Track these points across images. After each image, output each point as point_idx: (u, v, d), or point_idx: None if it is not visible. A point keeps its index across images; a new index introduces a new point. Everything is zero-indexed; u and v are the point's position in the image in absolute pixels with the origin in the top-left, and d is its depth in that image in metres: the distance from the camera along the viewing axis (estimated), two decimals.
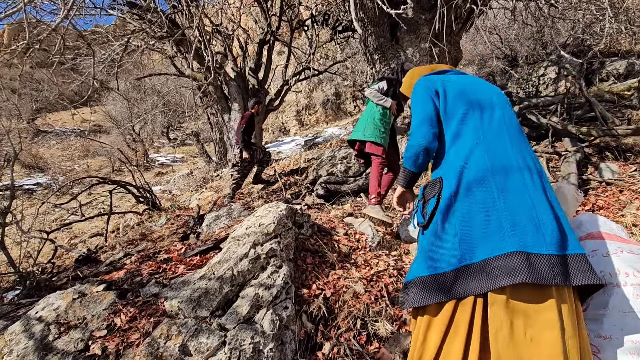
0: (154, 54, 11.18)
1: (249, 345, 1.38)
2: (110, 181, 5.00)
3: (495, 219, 1.08)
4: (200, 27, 3.73)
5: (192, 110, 12.33)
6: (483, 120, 1.26)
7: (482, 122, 1.26)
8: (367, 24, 3.58)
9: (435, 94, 1.34)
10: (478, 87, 1.36)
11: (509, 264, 1.01)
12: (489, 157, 1.18)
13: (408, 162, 1.36)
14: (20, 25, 5.09)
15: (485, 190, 1.13)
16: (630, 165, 3.26)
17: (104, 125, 19.38)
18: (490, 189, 1.13)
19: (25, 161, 13.60)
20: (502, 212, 1.08)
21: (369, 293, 1.85)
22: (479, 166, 1.17)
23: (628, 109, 4.50)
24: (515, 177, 1.13)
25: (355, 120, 11.40)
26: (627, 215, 2.37)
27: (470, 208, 1.13)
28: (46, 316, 1.56)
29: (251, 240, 1.90)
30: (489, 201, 1.11)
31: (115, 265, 2.46)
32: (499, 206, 1.09)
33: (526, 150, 1.23)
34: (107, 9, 4.81)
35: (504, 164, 1.16)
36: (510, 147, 1.20)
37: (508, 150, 1.19)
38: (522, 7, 4.69)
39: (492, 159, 1.17)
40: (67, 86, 5.99)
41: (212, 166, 9.76)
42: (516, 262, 1.01)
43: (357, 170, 4.41)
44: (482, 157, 1.18)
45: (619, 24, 4.10)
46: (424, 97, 1.35)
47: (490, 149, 1.19)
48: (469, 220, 1.12)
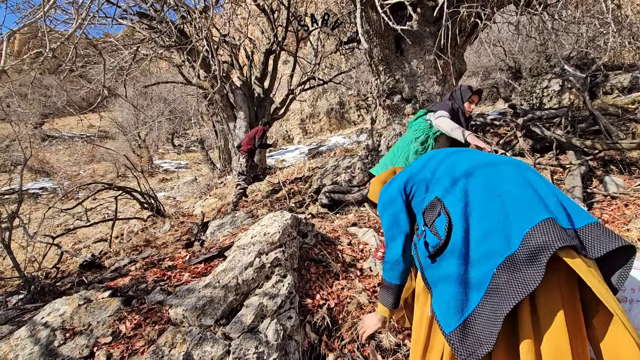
0: (161, 62, 11.36)
1: (253, 355, 1.39)
2: (115, 187, 5.04)
3: (513, 201, 1.01)
4: (208, 37, 3.80)
5: (197, 117, 12.45)
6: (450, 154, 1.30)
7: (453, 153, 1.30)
8: (373, 36, 3.63)
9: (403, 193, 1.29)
10: None
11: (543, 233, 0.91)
12: (472, 154, 1.23)
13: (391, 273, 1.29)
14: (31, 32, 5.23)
15: (487, 178, 1.09)
16: (635, 179, 3.26)
17: (110, 131, 19.60)
18: (491, 175, 1.10)
19: (31, 165, 13.75)
20: (512, 193, 1.02)
21: (373, 304, 1.85)
22: (470, 161, 1.18)
23: (632, 123, 4.51)
24: (505, 165, 1.12)
25: (359, 130, 11.46)
26: (632, 230, 2.36)
27: (482, 201, 1.05)
28: (52, 322, 1.57)
29: (256, 249, 1.92)
30: (495, 188, 1.05)
31: (121, 271, 2.47)
32: (507, 189, 1.04)
33: None
34: (118, 19, 4.92)
35: (490, 160, 1.16)
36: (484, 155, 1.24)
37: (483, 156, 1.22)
38: (526, 21, 4.74)
39: (477, 154, 1.21)
40: (76, 93, 6.09)
41: (216, 173, 9.82)
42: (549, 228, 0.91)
43: (361, 180, 4.42)
44: (465, 157, 1.22)
45: (623, 38, 4.13)
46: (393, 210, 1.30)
47: (474, 154, 1.24)
48: (487, 219, 1.02)
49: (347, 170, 4.60)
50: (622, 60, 7.73)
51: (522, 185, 1.04)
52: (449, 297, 1.02)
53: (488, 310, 0.94)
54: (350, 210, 3.93)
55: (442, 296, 1.04)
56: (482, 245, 1.00)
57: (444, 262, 1.07)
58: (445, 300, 1.03)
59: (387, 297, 1.32)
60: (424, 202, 1.21)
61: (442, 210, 1.11)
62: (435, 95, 3.86)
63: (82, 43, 4.95)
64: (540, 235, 0.90)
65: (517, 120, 4.76)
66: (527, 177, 1.08)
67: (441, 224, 1.10)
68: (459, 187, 1.12)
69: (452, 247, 1.05)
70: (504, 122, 5.81)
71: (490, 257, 0.97)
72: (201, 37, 3.53)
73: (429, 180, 1.24)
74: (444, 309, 1.02)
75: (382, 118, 4.25)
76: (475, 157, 1.21)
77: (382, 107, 4.20)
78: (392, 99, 3.99)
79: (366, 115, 14.12)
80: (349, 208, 4.00)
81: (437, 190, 1.18)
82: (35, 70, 3.40)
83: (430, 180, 1.24)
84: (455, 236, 1.05)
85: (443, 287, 1.05)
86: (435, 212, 1.13)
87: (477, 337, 0.95)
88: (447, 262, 1.06)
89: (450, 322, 0.99)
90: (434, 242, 1.10)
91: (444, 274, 1.06)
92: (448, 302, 1.01)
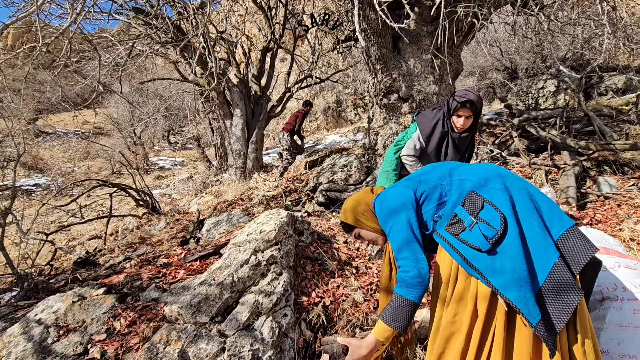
0: (157, 58, 11.28)
1: (248, 352, 1.39)
2: (110, 184, 5.00)
3: (543, 203, 1.12)
4: (205, 34, 3.78)
5: (193, 115, 12.38)
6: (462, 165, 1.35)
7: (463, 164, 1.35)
8: (370, 35, 3.63)
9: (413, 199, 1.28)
10: None
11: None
12: (489, 165, 1.28)
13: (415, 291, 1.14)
14: (25, 27, 5.16)
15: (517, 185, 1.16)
16: (628, 179, 3.29)
17: (105, 127, 19.43)
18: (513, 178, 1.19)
19: (25, 162, 13.59)
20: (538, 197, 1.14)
21: (368, 302, 1.85)
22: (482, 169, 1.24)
23: (626, 124, 4.55)
24: (516, 177, 1.21)
25: (355, 129, 11.46)
26: (624, 230, 2.39)
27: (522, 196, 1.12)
28: (45, 319, 1.56)
29: (252, 247, 1.91)
30: (526, 192, 1.14)
31: (115, 268, 2.45)
32: (533, 190, 1.16)
33: None
34: (114, 14, 4.87)
35: (500, 169, 1.24)
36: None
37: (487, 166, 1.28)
38: (522, 22, 4.77)
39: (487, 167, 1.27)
40: (70, 88, 6.02)
41: (213, 171, 9.77)
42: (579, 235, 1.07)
43: (358, 179, 4.43)
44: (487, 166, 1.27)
45: (617, 40, 4.17)
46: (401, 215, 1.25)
47: (487, 164, 1.30)
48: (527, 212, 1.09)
49: (344, 169, 4.60)
50: (616, 62, 7.80)
51: (541, 193, 1.16)
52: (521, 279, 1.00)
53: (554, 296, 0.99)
54: None
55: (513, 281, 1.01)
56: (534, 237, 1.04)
57: (505, 250, 1.05)
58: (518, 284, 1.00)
59: (401, 317, 1.12)
60: (455, 198, 1.20)
61: (487, 204, 1.11)
62: (432, 94, 3.87)
63: (77, 38, 4.89)
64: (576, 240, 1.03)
65: (513, 120, 4.79)
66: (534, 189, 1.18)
67: (491, 216, 1.09)
68: (494, 182, 1.16)
69: (511, 237, 1.05)
70: (499, 122, 5.84)
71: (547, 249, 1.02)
72: (198, 34, 3.51)
73: (443, 186, 1.26)
74: (521, 294, 0.99)
75: (379, 117, 4.26)
76: (485, 166, 1.28)
77: (379, 106, 4.20)
78: (389, 97, 4.00)
79: (363, 114, 14.13)
80: None
81: (466, 186, 1.19)
82: (29, 65, 3.36)
83: (449, 186, 1.25)
84: (511, 227, 1.06)
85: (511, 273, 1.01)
86: (478, 205, 1.12)
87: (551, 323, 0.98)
88: (508, 250, 1.05)
89: (534, 312, 0.98)
90: (491, 233, 1.07)
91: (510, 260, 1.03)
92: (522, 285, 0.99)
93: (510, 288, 1.00)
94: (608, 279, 1.33)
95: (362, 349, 1.14)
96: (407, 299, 1.12)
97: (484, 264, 1.07)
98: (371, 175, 4.28)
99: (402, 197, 1.27)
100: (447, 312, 1.14)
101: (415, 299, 1.12)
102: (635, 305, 1.22)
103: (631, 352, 1.15)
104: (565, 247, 1.02)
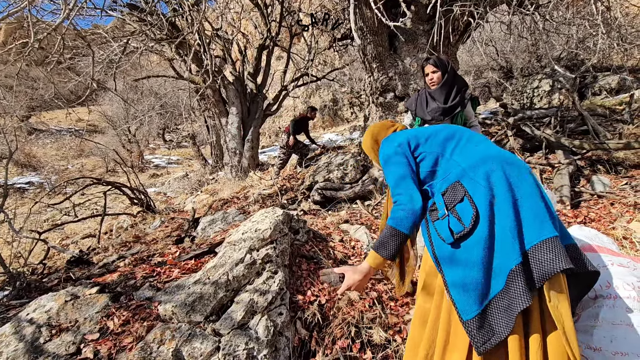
0: (152, 56, 11.18)
1: (243, 351, 1.38)
2: (104, 182, 4.96)
3: (527, 208, 1.05)
4: (200, 31, 3.75)
5: (188, 112, 12.30)
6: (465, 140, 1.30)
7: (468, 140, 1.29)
8: (366, 33, 3.63)
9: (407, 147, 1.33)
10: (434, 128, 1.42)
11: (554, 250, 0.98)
12: (492, 149, 1.22)
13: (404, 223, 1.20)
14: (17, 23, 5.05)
15: (505, 174, 1.11)
16: (621, 178, 3.33)
17: (100, 125, 19.24)
18: (509, 172, 1.11)
19: (17, 159, 13.42)
20: (526, 200, 1.06)
21: (364, 300, 1.85)
22: (488, 157, 1.17)
23: (619, 123, 4.60)
24: (519, 168, 1.14)
25: (352, 127, 11.46)
26: (617, 229, 2.41)
27: (506, 196, 1.07)
28: (37, 318, 1.54)
29: (247, 246, 1.91)
30: (515, 189, 1.08)
31: (109, 267, 2.43)
32: (522, 193, 1.07)
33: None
34: (108, 10, 4.81)
35: (508, 157, 1.18)
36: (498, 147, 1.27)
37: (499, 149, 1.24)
38: (518, 21, 4.79)
39: (495, 151, 1.20)
40: (64, 85, 5.95)
41: (208, 169, 9.72)
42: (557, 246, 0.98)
43: (354, 177, 4.43)
44: (485, 151, 1.21)
45: (611, 40, 4.20)
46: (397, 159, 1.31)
47: (491, 147, 1.24)
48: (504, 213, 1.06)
49: (340, 167, 4.60)
50: (610, 62, 7.87)
51: (535, 194, 1.08)
52: (468, 284, 1.03)
53: (506, 302, 0.99)
54: (342, 207, 3.94)
55: (461, 281, 1.05)
56: (504, 240, 1.03)
57: (467, 248, 1.07)
58: (464, 286, 1.04)
59: (389, 246, 1.18)
60: (440, 182, 1.23)
61: (467, 198, 1.11)
62: None
63: (70, 34, 4.84)
64: (546, 252, 0.97)
65: (508, 119, 4.82)
66: (538, 184, 1.12)
67: (466, 212, 1.10)
68: (481, 175, 1.13)
69: (477, 237, 1.06)
70: (495, 121, 5.87)
71: (509, 254, 1.01)
72: (193, 31, 3.48)
73: (439, 154, 1.27)
74: (462, 296, 1.04)
75: (375, 115, 4.26)
76: (488, 147, 1.24)
77: (375, 105, 4.20)
78: (385, 96, 4.00)
79: (359, 113, 14.13)
80: (341, 205, 4.01)
81: (454, 171, 1.20)
82: (21, 61, 3.31)
83: (441, 156, 1.27)
84: (481, 226, 1.06)
85: (463, 272, 1.06)
86: (458, 197, 1.14)
87: (491, 326, 1.00)
88: (470, 249, 1.06)
89: (469, 310, 1.02)
90: (458, 228, 1.09)
91: (466, 260, 1.06)
92: (468, 289, 1.03)
93: (456, 288, 1.06)
94: (602, 277, 1.33)
95: (356, 274, 1.23)
96: (396, 229, 1.18)
97: (443, 254, 1.12)
98: (367, 173, 4.29)
99: (402, 142, 1.34)
100: (419, 297, 1.27)
101: (404, 230, 1.18)
102: (628, 303, 1.23)
103: (623, 350, 1.16)
104: (534, 258, 0.99)
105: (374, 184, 4.00)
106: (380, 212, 3.48)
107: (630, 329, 1.18)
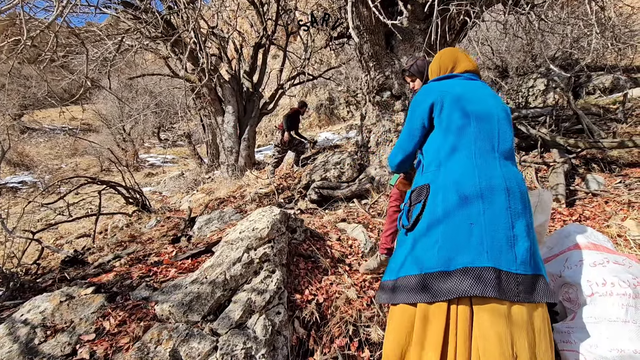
0: (147, 54, 11.09)
1: (240, 351, 1.37)
2: (99, 181, 4.91)
3: (477, 234, 1.16)
4: (196, 29, 3.72)
5: (184, 111, 12.22)
6: (478, 134, 1.30)
7: (477, 137, 1.30)
8: (363, 31, 3.62)
9: (429, 108, 1.41)
10: (479, 96, 1.38)
11: (483, 277, 1.10)
12: (478, 174, 1.24)
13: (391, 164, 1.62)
14: (10, 20, 4.98)
15: (471, 206, 1.20)
16: (615, 177, 3.36)
17: (94, 124, 19.06)
18: (477, 205, 1.20)
19: (10, 158, 13.25)
20: (484, 228, 1.16)
21: (362, 299, 1.86)
22: (468, 182, 1.23)
23: (613, 122, 4.63)
24: (500, 197, 1.21)
25: (348, 126, 11.46)
26: (612, 227, 2.43)
27: (455, 220, 1.20)
28: (32, 319, 1.52)
29: (244, 245, 1.90)
30: (473, 216, 1.18)
31: (104, 267, 2.41)
32: (481, 222, 1.17)
33: (512, 172, 1.29)
34: (102, 7, 4.76)
35: (492, 184, 1.22)
36: (499, 166, 1.27)
37: (497, 169, 1.26)
38: (513, 21, 4.81)
39: (481, 177, 1.23)
40: (57, 83, 5.88)
41: (204, 168, 9.67)
42: (488, 276, 1.10)
43: (350, 176, 4.43)
44: (472, 174, 1.24)
45: (605, 40, 4.23)
46: (415, 111, 1.48)
47: (481, 167, 1.25)
48: (452, 231, 1.19)
49: (337, 166, 4.60)
50: (604, 62, 7.93)
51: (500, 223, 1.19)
52: (396, 259, 1.36)
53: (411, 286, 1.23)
54: (339, 206, 3.94)
55: (395, 255, 1.40)
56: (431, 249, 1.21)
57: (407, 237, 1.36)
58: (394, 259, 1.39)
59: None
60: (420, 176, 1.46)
61: (423, 201, 1.32)
62: None
63: (64, 32, 4.77)
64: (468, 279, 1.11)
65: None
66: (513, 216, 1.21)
67: (415, 212, 1.34)
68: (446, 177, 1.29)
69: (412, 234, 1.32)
70: None
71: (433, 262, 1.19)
72: (188, 29, 3.45)
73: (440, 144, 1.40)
74: (391, 264, 1.39)
75: (372, 114, 4.26)
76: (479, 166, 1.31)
77: (371, 104, 4.20)
78: (382, 95, 4.00)
79: (356, 112, 14.12)
80: (338, 204, 4.01)
81: (426, 176, 1.37)
82: (14, 59, 3.26)
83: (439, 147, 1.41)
84: (420, 225, 1.29)
85: (398, 250, 1.40)
86: (420, 198, 1.34)
87: (394, 293, 1.29)
88: (404, 239, 1.37)
89: (387, 277, 1.37)
90: (404, 222, 1.39)
91: (401, 243, 1.39)
92: (395, 262, 1.36)
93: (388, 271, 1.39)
94: (597, 274, 1.35)
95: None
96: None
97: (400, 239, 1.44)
98: (364, 172, 4.29)
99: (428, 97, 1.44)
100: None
101: (392, 167, 1.61)
102: (624, 300, 1.24)
103: (619, 346, 1.17)
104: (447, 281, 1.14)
105: (370, 183, 4.00)
106: (377, 211, 3.49)
107: (626, 325, 1.19)
